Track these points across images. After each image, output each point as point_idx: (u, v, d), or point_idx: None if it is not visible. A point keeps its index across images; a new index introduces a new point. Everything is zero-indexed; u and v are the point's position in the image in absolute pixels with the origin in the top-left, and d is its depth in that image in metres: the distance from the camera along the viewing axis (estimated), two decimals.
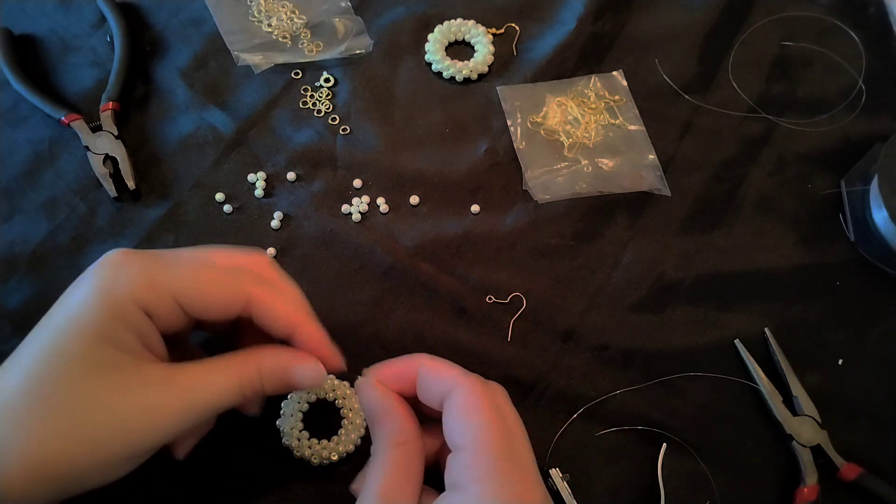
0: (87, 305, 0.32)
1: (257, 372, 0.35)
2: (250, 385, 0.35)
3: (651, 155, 0.54)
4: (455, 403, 0.34)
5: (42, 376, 0.31)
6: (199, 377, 0.34)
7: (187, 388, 0.33)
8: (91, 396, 0.31)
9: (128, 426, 0.31)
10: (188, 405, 0.33)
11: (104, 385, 0.31)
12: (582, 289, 0.49)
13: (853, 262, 0.51)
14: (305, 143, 0.53)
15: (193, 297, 0.34)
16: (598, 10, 0.58)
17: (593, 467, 0.44)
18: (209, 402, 0.34)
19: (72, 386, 0.31)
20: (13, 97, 0.53)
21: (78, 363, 0.31)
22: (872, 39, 0.59)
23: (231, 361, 0.35)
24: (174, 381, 0.33)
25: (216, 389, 0.34)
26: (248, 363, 0.35)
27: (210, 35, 0.57)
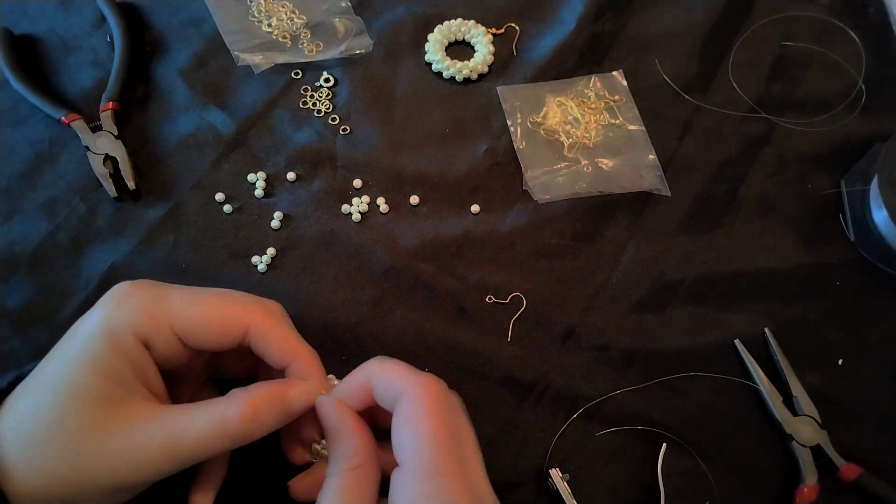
0: (88, 336, 0.33)
1: (249, 407, 0.33)
2: (240, 423, 0.33)
3: (651, 155, 0.54)
4: (399, 413, 0.33)
5: (44, 406, 0.32)
6: (184, 417, 0.33)
7: (171, 427, 0.32)
8: (82, 428, 0.31)
9: (111, 461, 0.31)
10: (170, 445, 0.32)
11: (95, 417, 0.31)
12: (582, 289, 0.49)
13: (853, 262, 0.51)
14: (305, 143, 0.53)
15: (192, 328, 0.34)
16: (598, 10, 0.58)
17: (593, 467, 0.44)
18: (192, 444, 0.32)
19: (67, 417, 0.31)
20: (13, 97, 0.53)
21: (75, 394, 0.32)
22: (872, 39, 0.59)
23: (217, 401, 0.34)
24: (159, 420, 0.32)
25: (199, 429, 0.33)
26: (235, 400, 0.34)
27: (210, 35, 0.57)
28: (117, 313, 0.33)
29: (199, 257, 0.49)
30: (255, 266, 0.49)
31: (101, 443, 0.31)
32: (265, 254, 0.49)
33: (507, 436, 0.44)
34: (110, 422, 0.31)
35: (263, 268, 0.49)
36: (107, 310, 0.34)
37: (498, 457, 0.44)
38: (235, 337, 0.35)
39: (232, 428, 0.33)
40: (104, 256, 0.49)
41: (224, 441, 0.33)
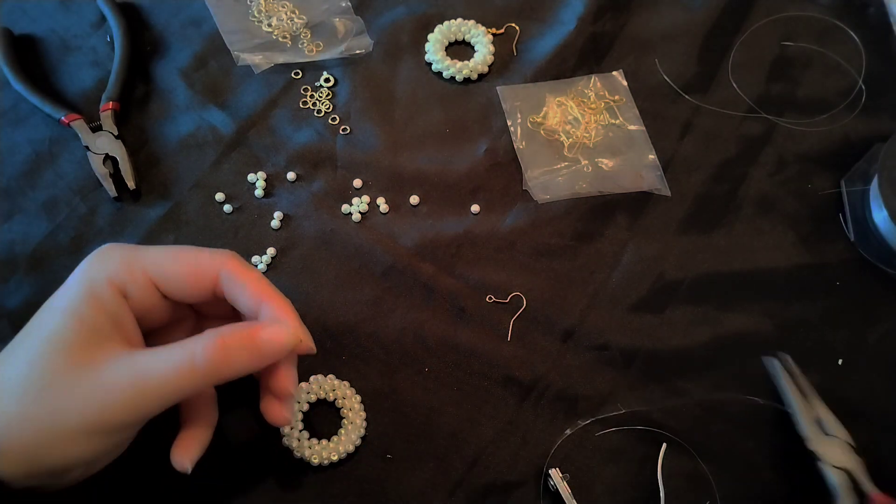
0: (67, 289, 0.35)
1: (219, 344, 0.33)
2: (207, 359, 0.33)
3: (651, 155, 0.54)
4: None
5: (21, 354, 0.33)
6: (153, 355, 0.33)
7: (139, 365, 0.33)
8: (55, 371, 0.32)
9: (81, 400, 0.32)
10: (137, 383, 0.32)
11: (68, 362, 0.32)
12: (582, 289, 0.49)
13: (853, 262, 0.51)
14: (305, 143, 0.53)
15: (165, 273, 0.36)
16: (598, 10, 0.58)
17: (593, 467, 0.44)
18: (159, 381, 0.33)
19: (41, 362, 0.32)
20: (13, 97, 0.53)
21: (50, 341, 0.33)
22: (872, 39, 0.59)
23: (186, 341, 0.34)
24: (129, 360, 0.33)
25: (166, 366, 0.33)
26: (204, 336, 0.34)
27: (210, 35, 0.57)
28: (96, 266, 0.35)
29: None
30: (255, 266, 0.49)
31: (71, 384, 0.32)
32: (265, 254, 0.49)
33: (507, 436, 0.44)
34: (83, 365, 0.32)
35: (263, 268, 0.49)
36: (86, 265, 0.35)
37: (498, 457, 0.44)
38: (208, 282, 0.36)
39: (199, 364, 0.33)
40: None
41: (192, 378, 0.33)
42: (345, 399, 0.44)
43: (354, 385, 0.45)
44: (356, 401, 0.44)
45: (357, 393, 0.45)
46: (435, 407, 0.45)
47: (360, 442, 0.43)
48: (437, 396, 0.45)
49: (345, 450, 0.43)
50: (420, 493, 0.43)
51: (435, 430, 0.44)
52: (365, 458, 0.43)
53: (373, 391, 0.45)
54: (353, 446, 0.43)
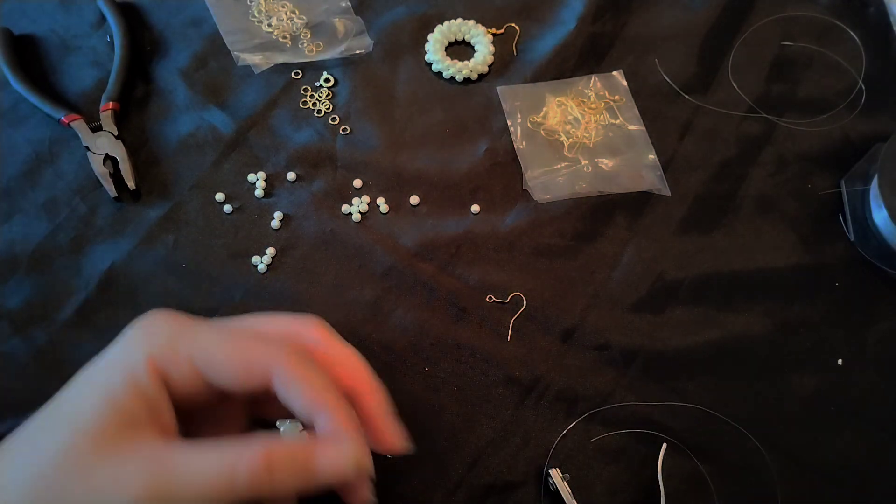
0: (105, 365, 0.32)
1: (263, 461, 0.29)
2: (249, 477, 0.29)
3: (651, 155, 0.54)
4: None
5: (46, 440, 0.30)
6: (187, 456, 0.29)
7: (167, 465, 0.29)
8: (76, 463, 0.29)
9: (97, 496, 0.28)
10: (159, 484, 0.28)
11: (93, 452, 0.29)
12: (582, 289, 0.49)
13: (853, 262, 0.51)
14: (305, 143, 0.53)
15: (212, 364, 0.31)
16: (598, 10, 0.58)
17: (593, 467, 0.44)
18: (184, 488, 0.28)
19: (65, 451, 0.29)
20: (13, 97, 0.53)
21: (79, 428, 0.30)
22: (872, 39, 0.59)
23: (232, 442, 0.30)
24: (161, 456, 0.29)
25: (197, 472, 0.29)
26: (250, 448, 0.29)
27: (210, 35, 0.57)
28: (140, 344, 0.32)
29: (199, 257, 0.49)
30: (255, 266, 0.49)
31: (92, 476, 0.29)
32: (265, 254, 0.49)
33: (507, 436, 0.44)
34: (107, 452, 0.29)
35: (263, 268, 0.49)
36: (130, 339, 0.32)
37: (498, 457, 0.44)
38: (259, 380, 0.32)
39: (239, 479, 0.28)
40: (104, 256, 0.49)
41: (226, 493, 0.29)
42: None
43: None
44: None
45: None
46: (435, 407, 0.45)
47: None
48: (437, 396, 0.45)
49: None
50: (420, 493, 0.43)
51: (435, 430, 0.44)
52: None
53: None
54: None
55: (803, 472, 0.44)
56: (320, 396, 0.31)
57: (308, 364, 0.32)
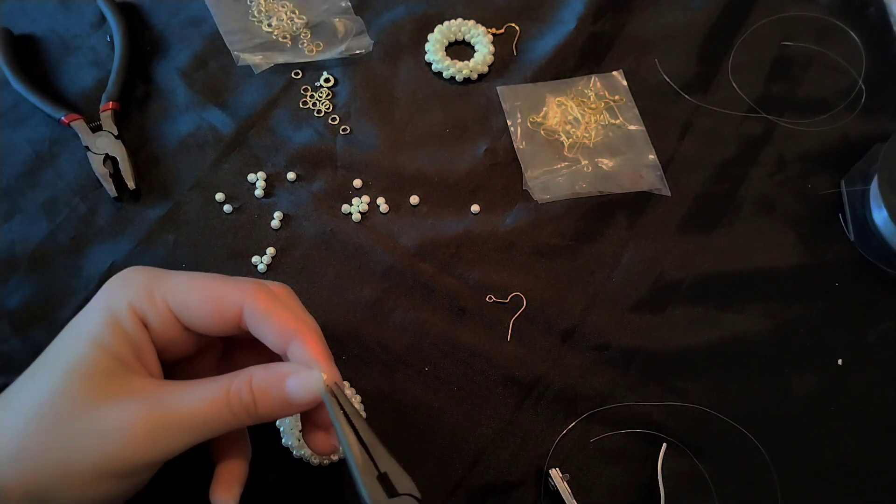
0: (89, 314, 0.33)
1: (248, 387, 0.32)
2: (239, 401, 0.32)
3: (651, 155, 0.54)
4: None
5: (42, 383, 0.31)
6: (180, 390, 0.32)
7: (165, 398, 0.31)
8: (77, 402, 0.31)
9: (101, 435, 0.30)
10: (162, 416, 0.31)
11: (91, 392, 0.31)
12: (582, 289, 0.49)
13: (853, 262, 0.51)
14: (305, 143, 0.53)
15: (187, 305, 0.33)
16: (598, 10, 0.58)
17: (593, 468, 0.44)
18: (190, 418, 0.31)
19: (62, 392, 0.31)
20: (13, 97, 0.53)
21: (73, 370, 0.31)
22: (872, 39, 0.59)
23: (220, 378, 0.33)
24: (154, 392, 0.31)
25: (198, 403, 0.31)
26: (238, 377, 0.32)
27: (210, 35, 0.57)
28: (118, 291, 0.33)
29: (199, 257, 0.49)
30: (255, 266, 0.49)
31: (92, 416, 0.30)
32: (265, 254, 0.49)
33: (507, 436, 0.44)
34: (103, 398, 0.31)
35: (263, 268, 0.49)
36: (108, 289, 0.34)
37: (498, 457, 0.44)
38: (231, 317, 0.34)
39: (234, 404, 0.31)
40: (104, 256, 0.49)
41: (224, 417, 0.32)
42: None
43: (354, 385, 0.45)
44: (356, 401, 0.44)
45: (357, 393, 0.45)
46: (435, 407, 0.45)
47: None
48: (437, 396, 0.45)
49: None
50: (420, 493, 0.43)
51: (435, 430, 0.44)
52: None
53: (373, 391, 0.45)
54: None
55: (803, 472, 0.44)
56: (289, 326, 0.33)
57: (275, 298, 0.34)
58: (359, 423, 0.32)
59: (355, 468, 0.31)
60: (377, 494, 0.31)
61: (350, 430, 0.32)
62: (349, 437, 0.32)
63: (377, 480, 0.31)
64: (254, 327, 0.34)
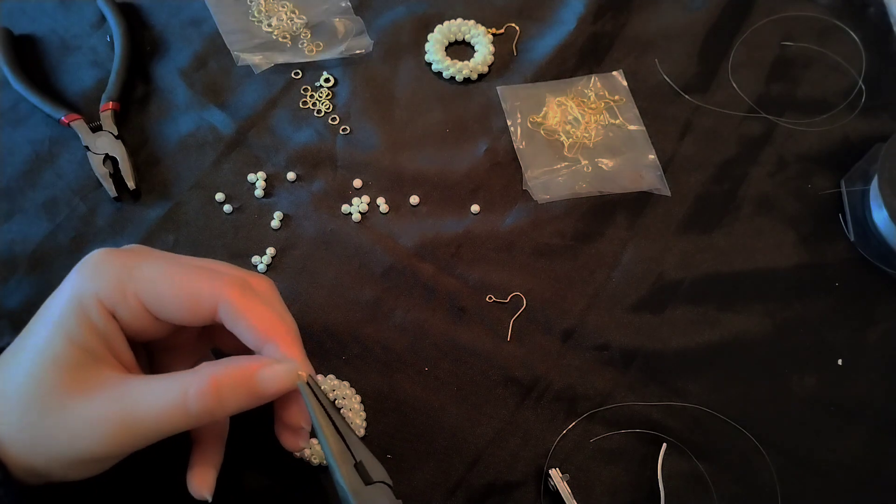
0: (59, 304, 0.33)
1: (211, 387, 0.31)
2: (200, 400, 0.30)
3: (651, 155, 0.54)
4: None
5: (16, 371, 0.32)
6: (143, 388, 0.31)
7: (129, 398, 0.31)
8: (49, 393, 0.31)
9: (72, 429, 0.30)
10: (126, 418, 0.30)
11: (61, 384, 0.31)
12: (582, 289, 0.49)
13: (853, 262, 0.51)
14: (305, 143, 0.53)
15: (160, 299, 0.32)
16: (598, 10, 0.58)
17: (593, 467, 0.44)
18: (148, 419, 0.30)
19: (35, 381, 0.31)
20: (13, 97, 0.53)
21: (44, 360, 0.31)
22: (872, 39, 0.59)
23: (179, 377, 0.31)
24: (120, 389, 0.31)
25: (157, 403, 0.30)
26: (198, 375, 0.31)
27: (210, 35, 0.57)
28: (87, 282, 0.32)
29: (199, 257, 0.49)
30: (255, 266, 0.49)
31: (63, 409, 0.30)
32: (265, 254, 0.49)
33: (507, 436, 0.44)
34: (75, 389, 0.31)
35: (263, 268, 0.49)
36: (78, 278, 0.33)
37: (498, 457, 0.44)
38: (205, 313, 0.33)
39: (191, 406, 0.30)
40: None
41: (183, 419, 0.31)
42: (345, 399, 0.44)
43: (354, 385, 0.45)
44: (356, 401, 0.44)
45: (357, 393, 0.45)
46: (435, 407, 0.45)
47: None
48: (437, 396, 0.45)
49: None
50: (420, 493, 0.43)
51: (435, 430, 0.44)
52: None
53: (373, 391, 0.45)
54: None
55: (803, 472, 0.44)
56: (266, 328, 0.33)
57: (253, 296, 0.33)
58: (334, 415, 0.33)
59: (332, 457, 0.32)
60: (354, 482, 0.32)
61: (327, 421, 0.33)
62: (325, 427, 0.33)
63: (354, 469, 0.33)
64: (229, 325, 0.33)
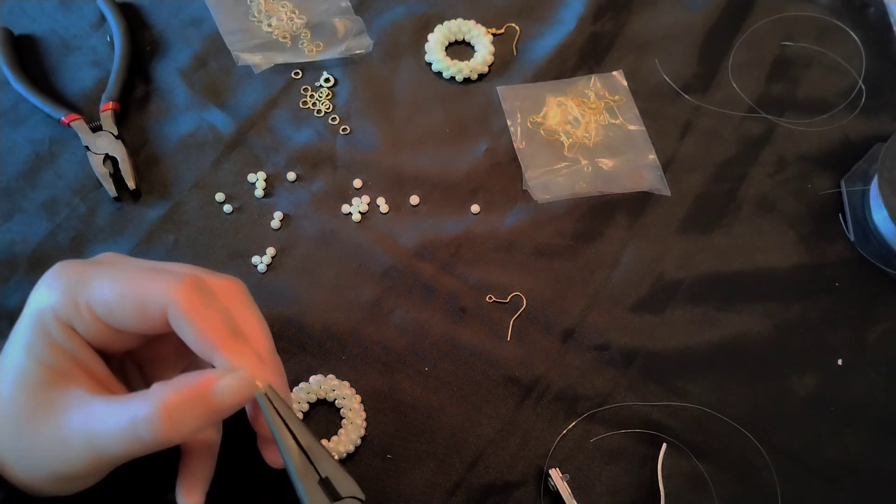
0: (22, 322, 0.31)
1: (161, 413, 0.28)
2: (150, 427, 0.28)
3: (651, 155, 0.54)
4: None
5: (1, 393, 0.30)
6: (103, 412, 0.29)
7: (92, 422, 0.29)
8: (22, 413, 0.30)
9: (46, 451, 0.30)
10: (90, 442, 0.29)
11: (33, 404, 0.30)
12: (582, 289, 0.49)
13: (853, 262, 0.51)
14: (305, 143, 0.53)
15: (111, 309, 0.31)
16: (598, 10, 0.58)
17: (593, 467, 0.44)
18: (109, 444, 0.29)
19: (9, 402, 0.30)
20: (13, 97, 0.53)
21: (16, 380, 0.30)
22: (872, 39, 0.59)
23: (134, 396, 0.29)
24: (85, 412, 0.29)
25: (112, 429, 0.29)
26: (149, 398, 0.29)
27: (210, 35, 0.57)
28: (44, 298, 0.31)
29: (199, 257, 0.49)
30: (255, 266, 0.49)
31: (35, 430, 0.29)
32: (265, 254, 0.49)
33: (507, 436, 0.44)
34: (44, 409, 0.29)
35: (263, 268, 0.49)
36: (37, 294, 0.31)
37: (498, 457, 0.44)
38: (157, 319, 0.31)
39: (142, 434, 0.28)
40: None
41: (139, 447, 0.29)
42: (345, 399, 0.44)
43: (354, 385, 0.45)
44: (356, 401, 0.44)
45: (357, 393, 0.45)
46: (435, 407, 0.45)
47: (360, 442, 0.43)
48: (437, 396, 0.45)
49: (345, 450, 0.43)
50: (420, 493, 0.43)
51: (435, 430, 0.44)
52: (365, 458, 0.43)
53: (373, 391, 0.45)
54: (353, 446, 0.43)
55: (803, 472, 0.44)
56: (212, 337, 0.30)
57: (203, 301, 0.31)
58: (297, 427, 0.31)
59: (294, 474, 0.30)
60: (318, 500, 0.30)
61: (288, 435, 0.31)
62: (286, 441, 0.31)
63: (318, 485, 0.31)
64: (177, 331, 0.31)
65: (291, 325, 0.47)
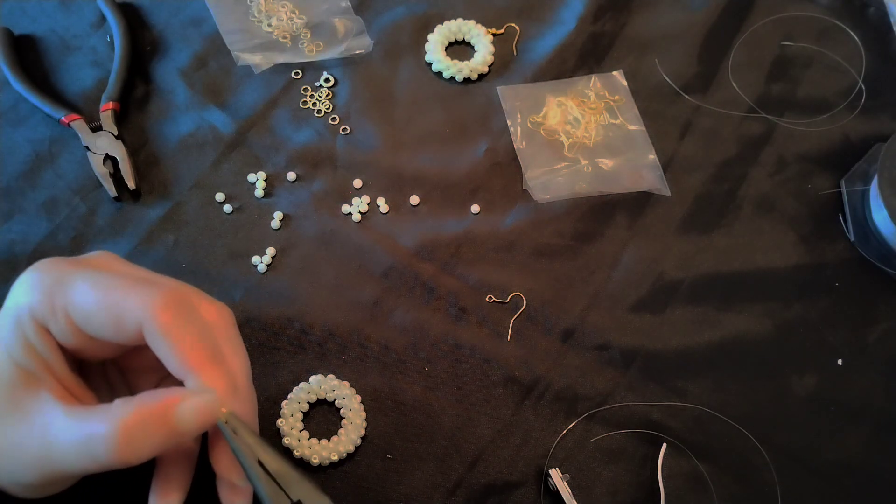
0: (1, 319, 0.31)
1: (118, 429, 0.27)
2: (106, 447, 0.27)
3: (651, 155, 0.54)
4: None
5: None
6: (62, 424, 0.28)
7: (51, 432, 0.28)
8: None
9: (11, 454, 0.29)
10: (45, 452, 0.28)
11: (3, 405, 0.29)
12: (582, 289, 0.49)
13: (853, 262, 0.51)
14: (305, 143, 0.53)
15: (83, 313, 0.30)
16: (598, 10, 0.58)
17: (593, 467, 0.44)
18: (64, 459, 0.28)
19: None
20: (13, 97, 0.53)
21: None
22: (872, 39, 0.59)
23: (96, 410, 0.28)
24: (46, 420, 0.29)
25: (69, 443, 0.28)
26: (106, 420, 0.27)
27: (210, 35, 0.57)
28: (22, 296, 0.30)
29: (199, 257, 0.49)
30: (255, 266, 0.49)
31: (4, 433, 0.29)
32: (265, 254, 0.49)
33: (507, 436, 0.44)
34: (11, 410, 0.29)
35: (263, 268, 0.49)
36: (16, 290, 0.31)
37: (498, 457, 0.44)
38: (132, 332, 0.29)
39: (97, 453, 0.27)
40: None
41: (94, 465, 0.28)
42: (345, 399, 0.44)
43: (354, 385, 0.45)
44: (356, 401, 0.44)
45: (357, 393, 0.45)
46: (435, 407, 0.45)
47: (360, 442, 0.43)
48: (437, 396, 0.45)
49: (345, 450, 0.43)
50: (420, 493, 0.43)
51: (435, 430, 0.44)
52: (365, 458, 0.43)
53: (373, 391, 0.45)
54: (353, 446, 0.43)
55: (803, 472, 0.44)
56: (187, 357, 0.29)
57: (181, 318, 0.30)
58: (265, 455, 0.30)
59: (266, 501, 0.29)
60: None
61: (252, 462, 0.30)
62: (254, 469, 0.29)
63: None
64: (153, 347, 0.30)
65: (291, 325, 0.47)
